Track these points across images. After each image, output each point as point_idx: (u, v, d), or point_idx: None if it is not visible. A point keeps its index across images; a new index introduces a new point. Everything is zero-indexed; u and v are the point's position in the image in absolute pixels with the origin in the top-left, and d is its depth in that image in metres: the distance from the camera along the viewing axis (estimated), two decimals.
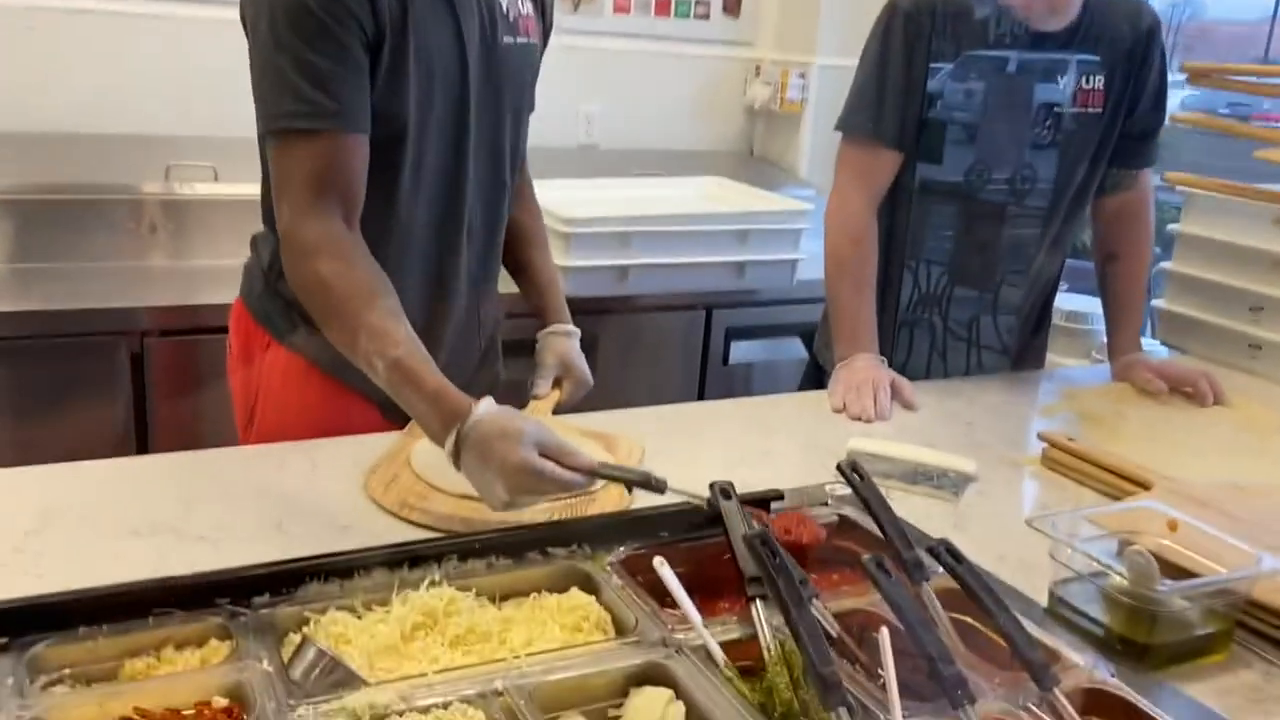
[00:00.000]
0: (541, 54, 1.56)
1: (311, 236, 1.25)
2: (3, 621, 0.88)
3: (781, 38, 3.34)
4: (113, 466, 1.28)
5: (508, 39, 1.43)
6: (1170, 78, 1.87)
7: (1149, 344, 2.18)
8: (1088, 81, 1.76)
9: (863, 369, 1.72)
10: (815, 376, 1.99)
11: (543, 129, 1.71)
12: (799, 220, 2.61)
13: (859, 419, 1.64)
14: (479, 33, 1.38)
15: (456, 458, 1.12)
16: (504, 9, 1.42)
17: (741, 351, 2.81)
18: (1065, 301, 2.75)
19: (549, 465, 1.09)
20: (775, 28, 3.36)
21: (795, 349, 2.80)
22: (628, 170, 2.99)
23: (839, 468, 1.21)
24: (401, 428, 1.48)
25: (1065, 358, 2.71)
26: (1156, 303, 2.15)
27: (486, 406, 1.14)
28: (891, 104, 1.74)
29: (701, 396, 2.77)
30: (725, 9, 3.29)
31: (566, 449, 1.11)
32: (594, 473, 1.12)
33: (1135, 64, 1.79)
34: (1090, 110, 1.77)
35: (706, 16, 3.27)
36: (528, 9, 1.47)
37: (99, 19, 2.45)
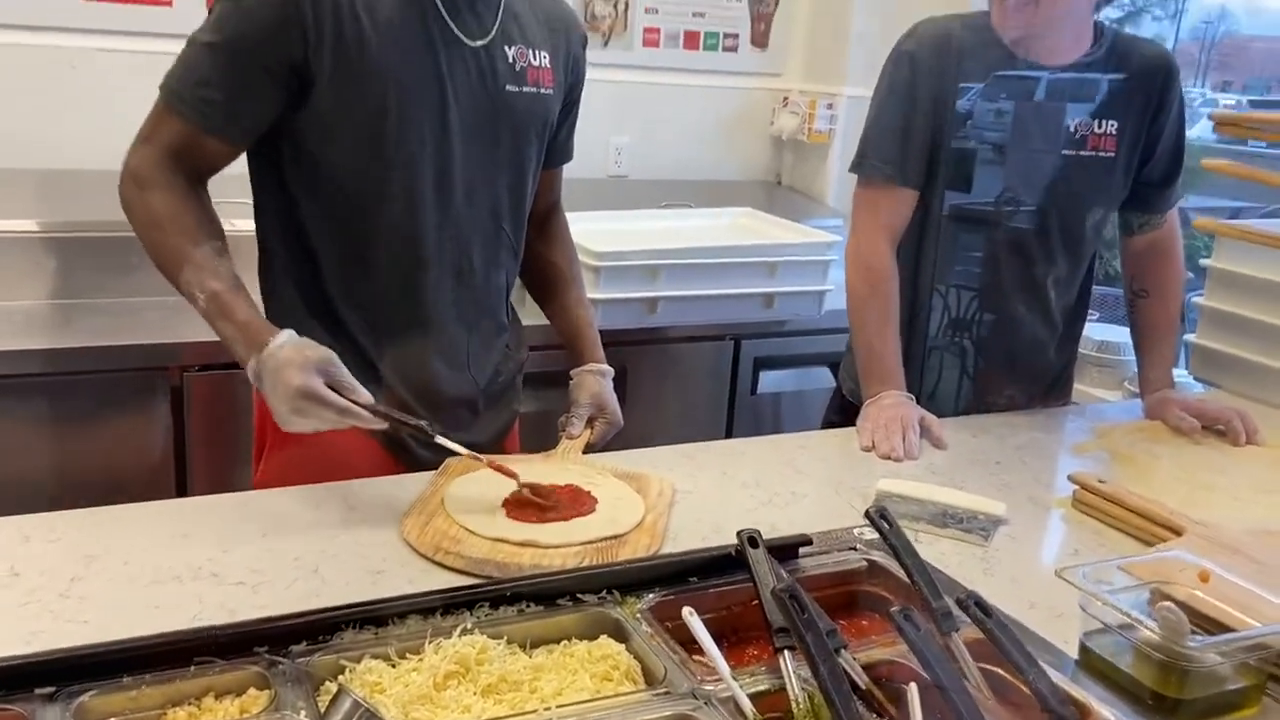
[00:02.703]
0: (564, 105, 1.60)
1: (150, 172, 1.36)
2: (51, 671, 0.91)
3: (809, 69, 3.36)
4: (153, 510, 1.31)
5: (512, 87, 1.48)
6: (1205, 96, 1.87)
7: (1181, 376, 2.17)
8: (1100, 126, 1.76)
9: (891, 407, 1.72)
10: (840, 407, 2.00)
11: (573, 160, 1.74)
12: (826, 252, 2.63)
13: (888, 458, 1.65)
14: (472, 82, 1.44)
15: (258, 380, 1.28)
16: (510, 59, 1.48)
17: (770, 381, 2.82)
18: (1096, 331, 2.74)
19: (328, 393, 1.25)
20: (803, 59, 3.38)
21: (824, 378, 2.80)
22: (657, 200, 3.02)
23: (867, 514, 1.21)
24: (403, 464, 1.51)
25: (1097, 389, 2.70)
26: (1189, 337, 2.14)
27: (286, 337, 1.28)
28: (903, 144, 1.76)
29: (730, 426, 2.79)
30: (753, 41, 3.32)
31: (349, 385, 1.27)
32: (373, 410, 1.28)
33: (1151, 110, 1.79)
34: (1102, 154, 1.78)
35: (735, 49, 3.30)
36: (542, 61, 1.52)
37: (139, 58, 2.52)
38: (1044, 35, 1.70)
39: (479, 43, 1.45)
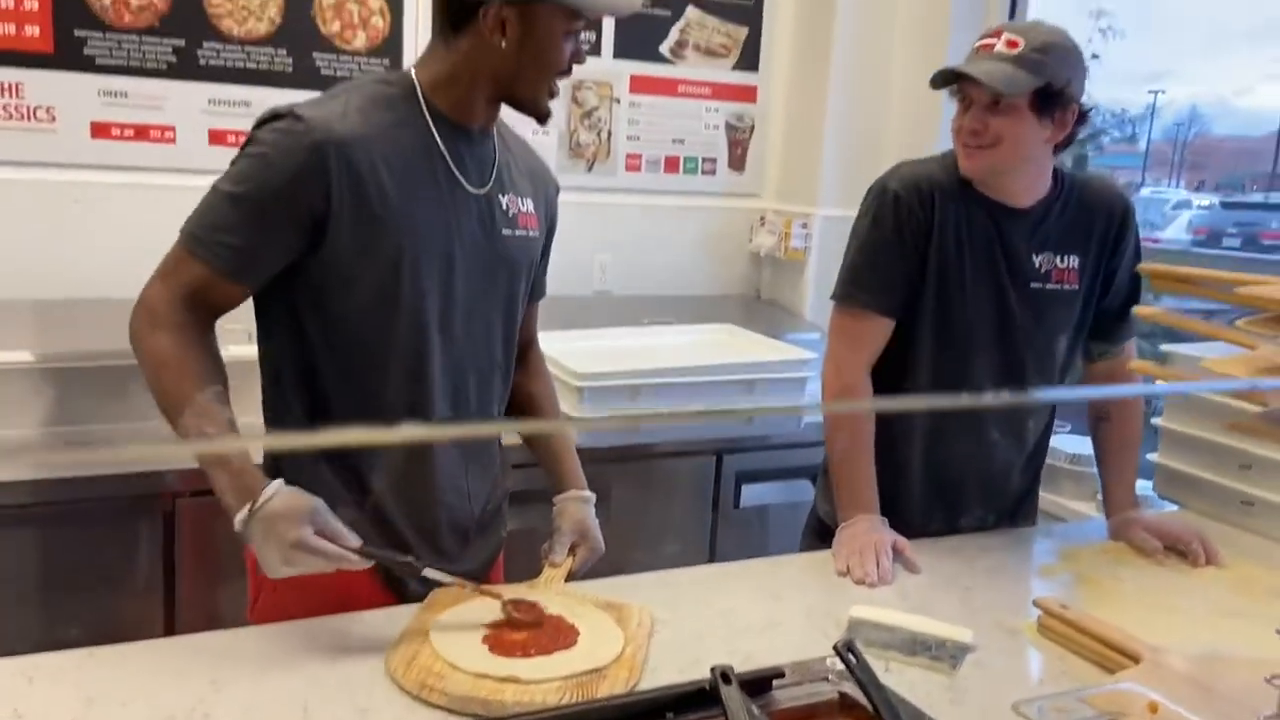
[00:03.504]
0: (544, 245, 1.72)
1: (164, 311, 1.41)
2: None
3: (783, 191, 3.51)
4: (149, 648, 1.35)
5: (506, 231, 1.58)
6: (1179, 197, 1.97)
7: (1145, 487, 2.23)
8: (1063, 260, 1.87)
9: (865, 533, 1.78)
10: (817, 531, 2.05)
11: (559, 278, 1.83)
12: (803, 369, 2.70)
13: (862, 583, 1.70)
14: (475, 227, 1.54)
15: (246, 529, 1.31)
16: (504, 207, 1.58)
17: (753, 494, 2.87)
18: (1068, 444, 2.82)
19: (320, 543, 1.31)
20: (778, 181, 3.53)
21: (805, 490, 2.85)
22: (640, 314, 3.11)
23: (835, 648, 1.26)
24: (399, 596, 1.55)
25: (1071, 500, 2.76)
26: (1152, 457, 2.21)
27: (275, 488, 1.33)
28: (885, 277, 1.85)
29: (714, 539, 2.83)
30: (730, 164, 3.47)
31: (339, 532, 1.33)
32: (362, 552, 1.34)
33: (1109, 247, 1.90)
34: (1066, 287, 1.88)
35: (713, 172, 3.45)
36: (529, 208, 1.63)
37: (138, 191, 2.63)
38: (1004, 176, 1.81)
39: (480, 191, 1.55)
